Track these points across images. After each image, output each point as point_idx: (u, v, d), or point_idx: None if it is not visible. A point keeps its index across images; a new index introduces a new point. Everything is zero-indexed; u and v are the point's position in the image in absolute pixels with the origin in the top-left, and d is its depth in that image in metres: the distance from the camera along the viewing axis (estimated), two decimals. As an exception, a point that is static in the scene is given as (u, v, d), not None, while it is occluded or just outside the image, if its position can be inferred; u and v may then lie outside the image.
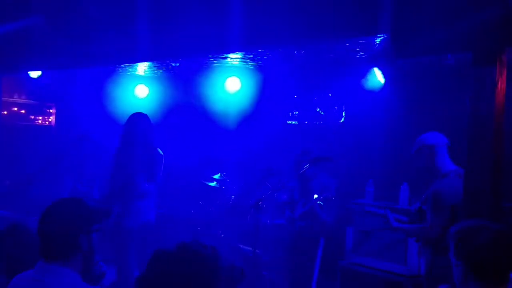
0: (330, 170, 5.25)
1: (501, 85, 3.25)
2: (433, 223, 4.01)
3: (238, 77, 7.33)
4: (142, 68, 7.48)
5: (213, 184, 6.61)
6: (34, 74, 7.08)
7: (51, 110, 9.28)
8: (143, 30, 4.99)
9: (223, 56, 6.28)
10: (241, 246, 6.07)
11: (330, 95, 6.87)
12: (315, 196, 4.94)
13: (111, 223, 5.06)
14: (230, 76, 7.34)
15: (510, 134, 3.50)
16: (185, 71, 7.33)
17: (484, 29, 3.24)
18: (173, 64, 6.79)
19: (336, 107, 6.79)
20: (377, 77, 6.15)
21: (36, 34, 5.36)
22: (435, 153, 4.18)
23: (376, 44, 5.53)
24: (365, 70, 6.23)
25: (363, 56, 6.05)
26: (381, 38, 4.95)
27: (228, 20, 4.54)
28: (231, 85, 7.40)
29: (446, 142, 4.21)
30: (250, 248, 5.55)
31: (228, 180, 6.51)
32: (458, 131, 3.99)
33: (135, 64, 6.95)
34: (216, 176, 6.58)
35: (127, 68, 7.39)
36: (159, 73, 7.89)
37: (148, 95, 8.27)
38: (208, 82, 7.46)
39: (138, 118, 5.44)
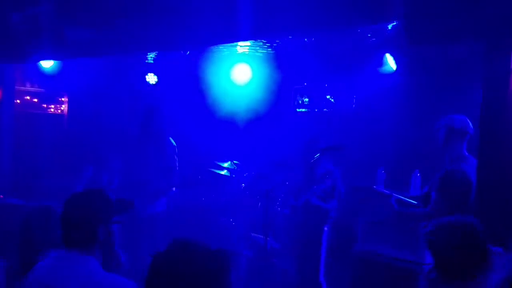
0: (338, 159, 5.21)
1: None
2: (435, 206, 3.97)
3: (248, 65, 7.31)
4: (151, 55, 7.48)
5: (223, 172, 6.62)
6: (47, 64, 7.11)
7: (63, 99, 9.32)
8: (154, 19, 4.97)
9: (232, 44, 6.26)
10: (252, 234, 6.09)
11: (340, 82, 6.83)
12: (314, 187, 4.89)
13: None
14: (240, 64, 7.32)
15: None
16: (194, 58, 7.32)
17: (498, 17, 3.19)
18: (183, 52, 6.79)
19: (346, 94, 6.75)
20: (389, 63, 6.10)
21: (48, 23, 5.36)
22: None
23: (387, 30, 5.48)
24: (377, 57, 6.18)
25: (374, 42, 5.99)
26: (393, 24, 4.91)
27: (238, 8, 4.50)
28: (241, 73, 7.38)
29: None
30: (261, 236, 5.57)
31: (239, 164, 6.51)
32: (472, 118, 3.96)
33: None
34: (227, 165, 6.59)
35: (138, 56, 7.40)
36: (169, 61, 7.89)
37: (158, 82, 8.26)
38: (218, 70, 7.45)
39: (153, 110, 5.48)
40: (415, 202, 4.39)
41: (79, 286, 2.25)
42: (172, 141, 5.54)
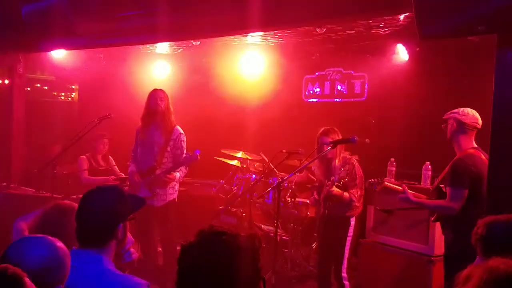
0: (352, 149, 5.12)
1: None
2: (451, 198, 3.96)
3: (259, 55, 7.28)
4: (162, 46, 7.46)
5: (234, 163, 6.63)
6: (57, 54, 7.12)
7: (73, 87, 9.37)
8: (164, 9, 4.95)
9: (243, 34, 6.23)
10: (262, 225, 6.11)
11: (352, 72, 6.79)
12: (332, 178, 4.74)
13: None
14: (251, 53, 7.29)
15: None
16: (204, 48, 7.30)
17: (510, 9, 3.14)
18: (193, 42, 6.77)
19: (358, 85, 6.72)
20: (401, 53, 6.07)
21: (59, 14, 5.37)
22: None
23: (399, 20, 5.44)
24: (389, 47, 6.14)
25: (386, 32, 5.96)
26: (405, 14, 4.87)
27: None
28: (251, 62, 7.36)
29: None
30: (271, 228, 5.58)
31: (249, 159, 6.51)
32: (484, 109, 3.92)
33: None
34: (238, 154, 6.59)
35: (148, 45, 7.39)
36: (179, 51, 7.89)
37: (168, 72, 8.27)
38: (229, 59, 7.42)
39: (157, 95, 5.44)
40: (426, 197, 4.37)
41: (92, 285, 2.25)
42: (180, 128, 5.50)
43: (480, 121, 4.07)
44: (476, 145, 4.08)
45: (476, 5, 3.21)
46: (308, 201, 5.89)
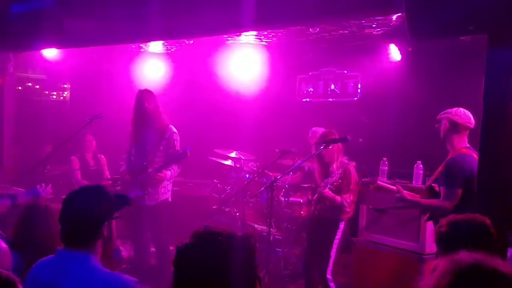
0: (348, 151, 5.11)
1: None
2: (445, 197, 3.98)
3: (252, 54, 7.27)
4: (155, 45, 7.44)
5: (227, 162, 6.61)
6: (49, 53, 7.09)
7: (65, 86, 9.31)
8: (156, 8, 4.93)
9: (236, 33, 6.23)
10: (256, 225, 6.10)
11: (345, 72, 6.81)
12: (326, 179, 4.74)
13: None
14: (244, 52, 7.28)
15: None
16: (198, 47, 7.28)
17: (500, 10, 3.15)
18: (186, 41, 6.76)
19: (351, 84, 6.74)
20: (394, 53, 6.09)
21: (49, 13, 5.33)
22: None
23: (392, 21, 5.45)
24: (382, 47, 6.15)
25: (379, 32, 5.97)
26: (397, 14, 4.88)
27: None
28: (245, 61, 7.35)
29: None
30: (265, 227, 5.57)
31: (243, 158, 6.50)
32: (475, 109, 3.93)
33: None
34: (232, 154, 6.58)
35: (141, 44, 7.37)
36: (172, 50, 7.87)
37: (161, 71, 8.24)
38: (222, 58, 7.41)
39: (142, 97, 5.39)
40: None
41: (80, 284, 2.25)
42: (173, 127, 5.47)
43: (472, 121, 4.09)
44: (468, 145, 4.11)
45: (465, 5, 3.22)
46: (301, 201, 5.90)
